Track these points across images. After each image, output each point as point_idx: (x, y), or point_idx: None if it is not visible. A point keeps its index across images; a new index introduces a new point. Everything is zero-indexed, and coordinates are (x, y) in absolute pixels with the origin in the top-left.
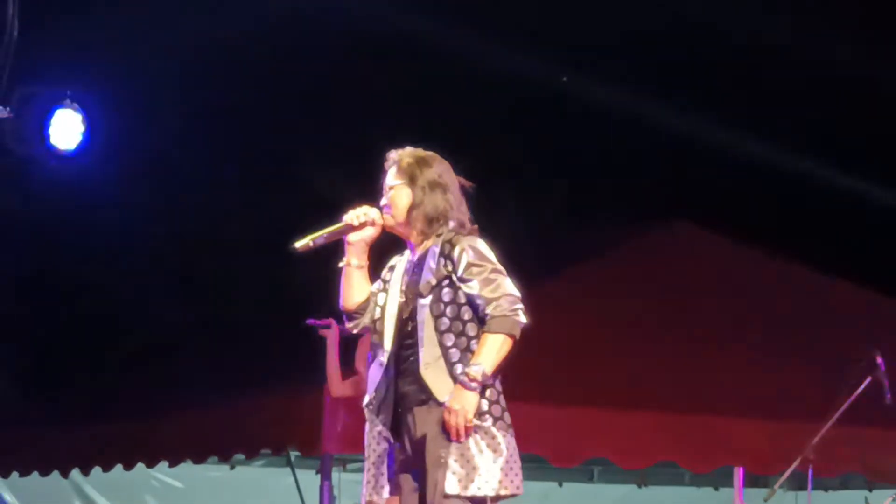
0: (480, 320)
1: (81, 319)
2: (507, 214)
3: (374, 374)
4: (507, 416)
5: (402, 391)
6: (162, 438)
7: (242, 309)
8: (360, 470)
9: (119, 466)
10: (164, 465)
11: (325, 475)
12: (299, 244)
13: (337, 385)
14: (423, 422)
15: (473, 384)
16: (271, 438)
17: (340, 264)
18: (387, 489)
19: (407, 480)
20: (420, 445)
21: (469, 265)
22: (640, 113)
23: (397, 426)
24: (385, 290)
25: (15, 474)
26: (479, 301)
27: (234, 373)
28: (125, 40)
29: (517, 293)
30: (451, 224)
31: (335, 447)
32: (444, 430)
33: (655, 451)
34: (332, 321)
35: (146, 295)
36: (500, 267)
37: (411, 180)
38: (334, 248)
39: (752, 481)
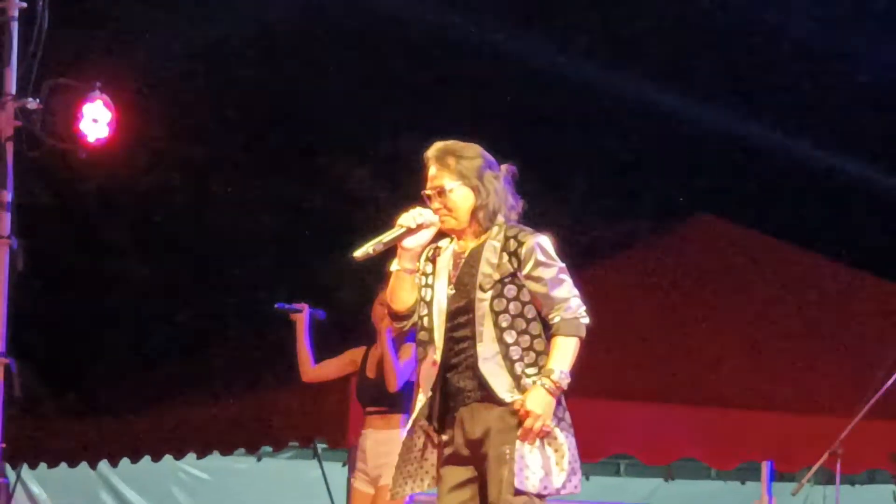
0: (543, 320)
1: (109, 311)
2: (532, 207)
3: (428, 373)
4: (568, 416)
5: (457, 386)
6: (190, 430)
7: (271, 301)
8: None
9: (147, 458)
10: (191, 457)
11: (352, 468)
12: (358, 254)
13: (307, 369)
14: (482, 419)
15: (557, 390)
16: (299, 431)
17: (393, 268)
18: (427, 482)
19: (452, 474)
20: (478, 442)
21: (538, 264)
22: (667, 106)
23: (444, 419)
24: (429, 284)
25: (43, 466)
26: (546, 301)
27: (262, 365)
28: (154, 32)
29: (578, 293)
30: (505, 212)
31: None
32: (509, 427)
33: (679, 447)
34: (305, 305)
35: (175, 287)
36: (564, 266)
37: (467, 178)
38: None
39: (779, 475)
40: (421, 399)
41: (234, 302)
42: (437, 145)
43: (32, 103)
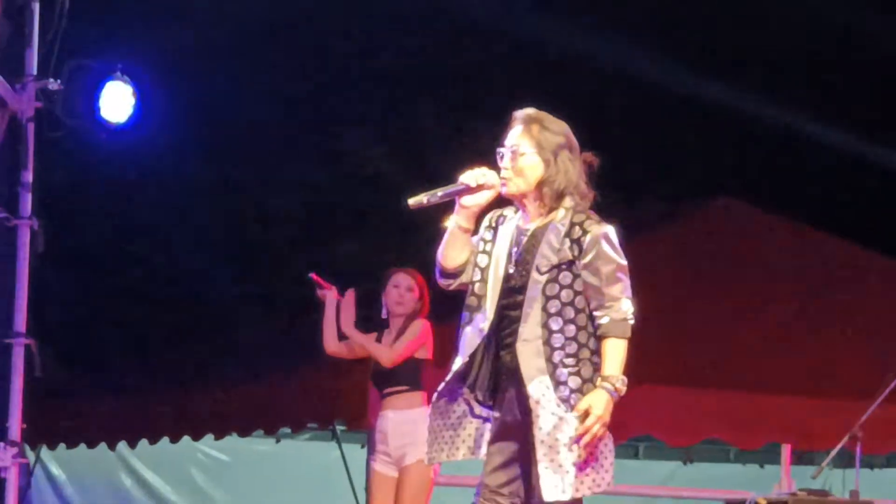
0: (591, 313)
1: (129, 292)
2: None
3: (470, 339)
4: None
5: (508, 365)
6: (208, 411)
7: (291, 283)
8: None
9: (165, 439)
10: (209, 438)
11: (371, 449)
12: (412, 201)
13: (330, 343)
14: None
15: (617, 396)
16: (318, 412)
17: (447, 224)
18: (462, 452)
19: (501, 451)
20: (524, 424)
21: (598, 256)
22: (687, 89)
23: (495, 396)
24: (486, 251)
25: (62, 446)
26: (597, 295)
27: (281, 347)
28: (176, 12)
29: (631, 295)
30: (577, 196)
31: None
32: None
33: (702, 428)
34: (334, 289)
35: (195, 269)
36: (625, 265)
37: (543, 149)
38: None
39: (797, 458)
40: (458, 362)
41: (253, 284)
42: (529, 110)
43: (54, 84)
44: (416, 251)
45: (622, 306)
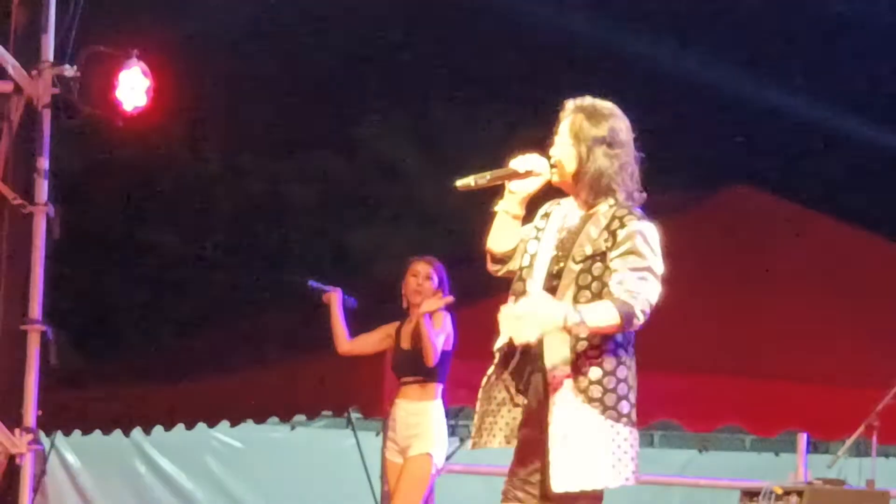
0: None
1: (143, 279)
2: None
3: None
4: (634, 413)
5: (535, 351)
6: (223, 398)
7: (305, 270)
8: None
9: (180, 426)
10: (225, 426)
11: (385, 436)
12: (460, 183)
13: (342, 343)
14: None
15: (572, 323)
16: (333, 400)
17: (497, 208)
18: (498, 439)
19: (528, 439)
20: (542, 412)
21: (630, 252)
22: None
23: (524, 382)
24: (538, 238)
25: (77, 433)
26: (616, 287)
27: (296, 333)
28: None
29: (654, 302)
30: (620, 192)
31: None
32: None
33: (720, 414)
34: (338, 289)
35: (210, 256)
36: (658, 268)
37: (579, 142)
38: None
39: (814, 448)
40: (499, 344)
41: (268, 271)
42: (582, 99)
43: (70, 70)
44: (431, 240)
45: (636, 303)
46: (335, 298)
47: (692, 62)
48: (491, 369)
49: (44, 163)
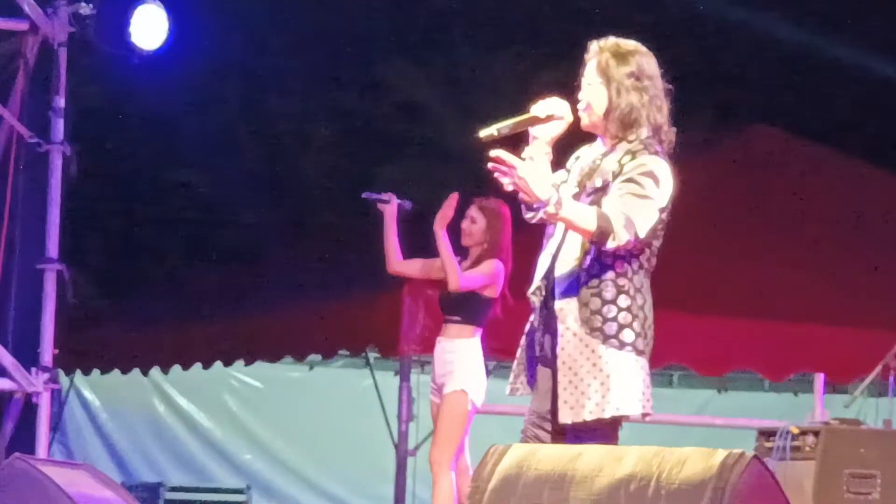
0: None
1: (164, 219)
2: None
3: (543, 262)
4: (650, 344)
5: (550, 286)
6: (239, 338)
7: (324, 210)
8: None
9: (198, 365)
10: (242, 365)
11: (404, 377)
12: (483, 133)
13: (393, 261)
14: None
15: (546, 203)
16: (348, 339)
17: (523, 155)
18: (520, 391)
19: (543, 375)
20: (555, 343)
21: (629, 180)
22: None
23: (544, 317)
24: (564, 181)
25: (96, 372)
26: (605, 202)
27: (314, 274)
28: None
29: (645, 229)
30: (646, 129)
31: (414, 349)
32: (584, 346)
33: (733, 358)
34: (392, 195)
35: (229, 196)
36: (658, 200)
37: (609, 80)
38: None
39: (831, 388)
40: (532, 287)
41: (288, 211)
42: (608, 39)
43: (86, 8)
44: (453, 180)
45: (624, 224)
46: (389, 211)
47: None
48: (532, 317)
49: (60, 102)
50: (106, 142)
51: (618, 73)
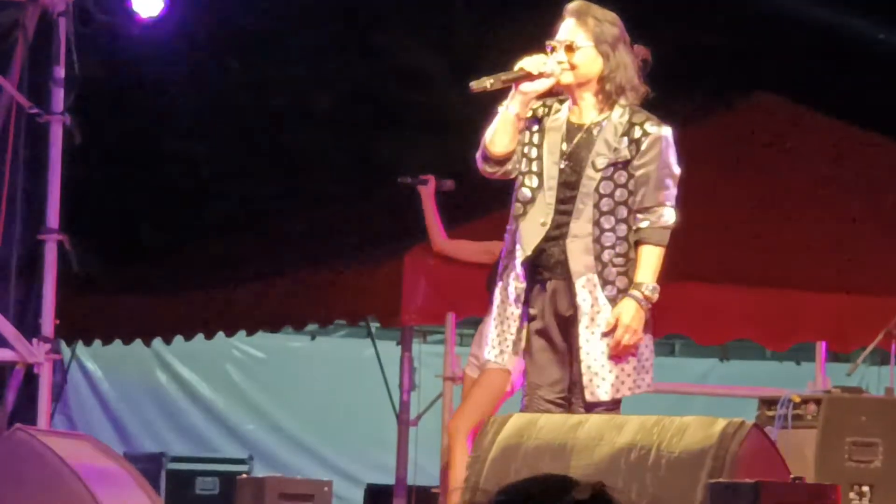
0: (635, 213)
1: (164, 189)
2: None
3: (532, 234)
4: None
5: (555, 258)
6: (240, 308)
7: (325, 179)
8: (441, 342)
9: (200, 335)
10: (244, 335)
11: (406, 346)
12: (475, 84)
13: (437, 241)
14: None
15: (648, 304)
16: (347, 308)
17: (501, 108)
18: (506, 357)
19: (546, 349)
20: (569, 320)
21: (655, 160)
22: None
23: (532, 290)
24: (534, 143)
25: (97, 342)
26: (643, 198)
27: (314, 243)
28: None
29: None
30: (632, 91)
31: (416, 318)
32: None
33: (732, 328)
34: (431, 177)
35: (229, 165)
36: (678, 172)
37: (602, 43)
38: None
39: (833, 356)
40: (520, 256)
41: (287, 179)
42: (580, 2)
43: None
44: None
45: (664, 214)
46: (427, 192)
47: None
48: (501, 284)
49: (60, 72)
50: (105, 111)
51: (613, 40)
